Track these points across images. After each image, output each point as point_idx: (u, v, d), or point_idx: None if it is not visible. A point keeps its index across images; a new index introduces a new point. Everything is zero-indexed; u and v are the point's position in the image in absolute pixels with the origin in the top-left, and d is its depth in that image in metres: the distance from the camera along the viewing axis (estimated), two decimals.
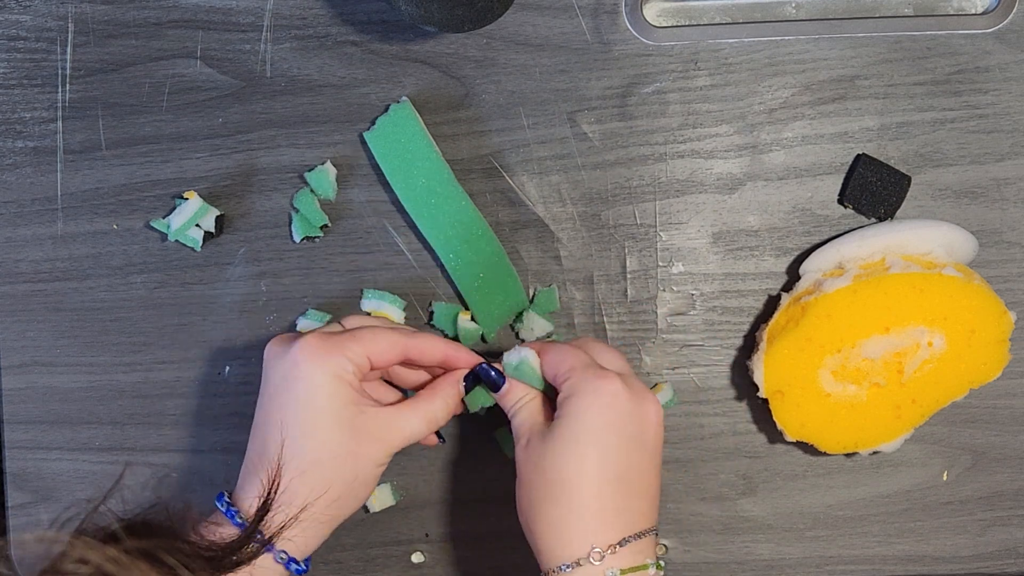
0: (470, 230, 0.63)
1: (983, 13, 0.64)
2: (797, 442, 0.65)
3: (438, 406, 0.57)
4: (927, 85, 0.64)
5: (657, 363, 0.66)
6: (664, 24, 0.65)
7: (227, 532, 0.53)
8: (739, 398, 0.66)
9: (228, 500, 0.55)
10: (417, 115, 0.63)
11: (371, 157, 0.64)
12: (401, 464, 0.66)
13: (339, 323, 0.59)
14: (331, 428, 0.53)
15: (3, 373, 0.65)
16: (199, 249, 0.65)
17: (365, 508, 0.66)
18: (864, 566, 0.67)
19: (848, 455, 0.66)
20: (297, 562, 0.54)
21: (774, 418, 0.63)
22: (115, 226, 0.65)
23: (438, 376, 0.60)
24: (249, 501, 0.54)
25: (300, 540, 0.54)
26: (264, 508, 0.52)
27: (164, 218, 0.64)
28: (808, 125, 0.65)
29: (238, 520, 0.53)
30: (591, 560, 0.51)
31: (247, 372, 0.65)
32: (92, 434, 0.66)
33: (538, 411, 0.57)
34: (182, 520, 0.51)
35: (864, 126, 0.65)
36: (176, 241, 0.65)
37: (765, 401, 0.63)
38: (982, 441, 0.66)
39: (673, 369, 0.66)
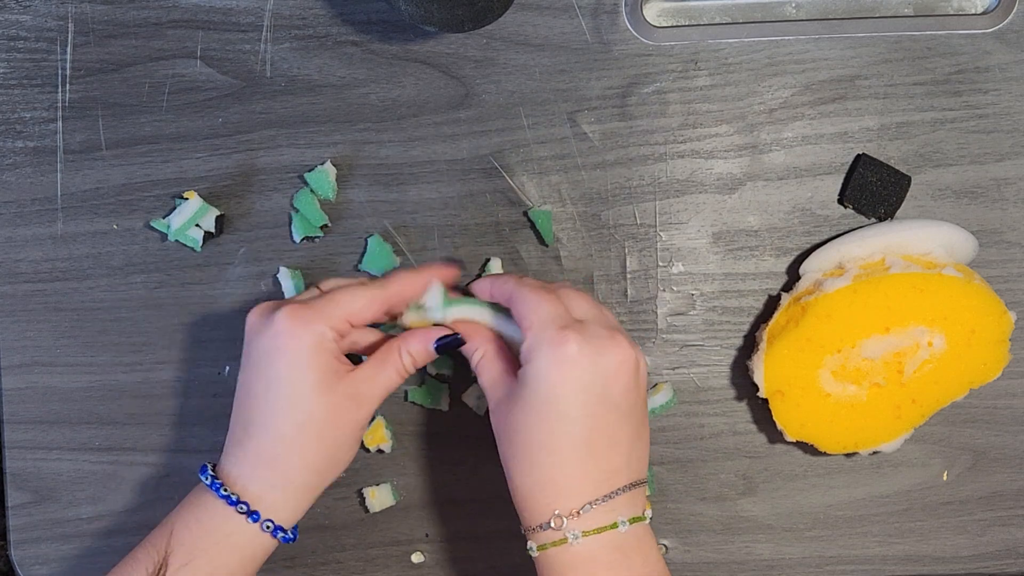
0: None
1: (983, 13, 0.64)
2: (797, 442, 0.65)
3: (407, 361, 0.57)
4: (927, 85, 0.64)
5: (657, 363, 0.66)
6: (664, 24, 0.65)
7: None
8: (739, 398, 0.66)
9: (212, 473, 0.55)
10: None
11: (371, 157, 0.65)
12: (401, 464, 0.66)
13: (316, 287, 0.59)
14: (313, 400, 0.54)
15: (3, 373, 0.65)
16: (199, 249, 0.65)
17: (365, 508, 0.66)
18: (864, 566, 0.67)
19: (848, 455, 0.66)
20: (284, 530, 0.55)
21: (774, 418, 0.63)
22: (115, 226, 0.65)
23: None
24: (236, 472, 0.55)
25: (286, 510, 0.55)
26: None
27: (164, 218, 0.64)
28: (808, 125, 0.65)
29: (223, 492, 0.54)
30: (551, 525, 0.52)
31: None
32: (92, 434, 0.66)
33: (499, 366, 0.56)
34: None
35: (864, 126, 0.65)
36: (176, 241, 0.65)
37: (765, 401, 0.63)
38: (982, 441, 0.66)
39: (673, 369, 0.66)
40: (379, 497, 0.65)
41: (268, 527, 0.54)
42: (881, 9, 0.65)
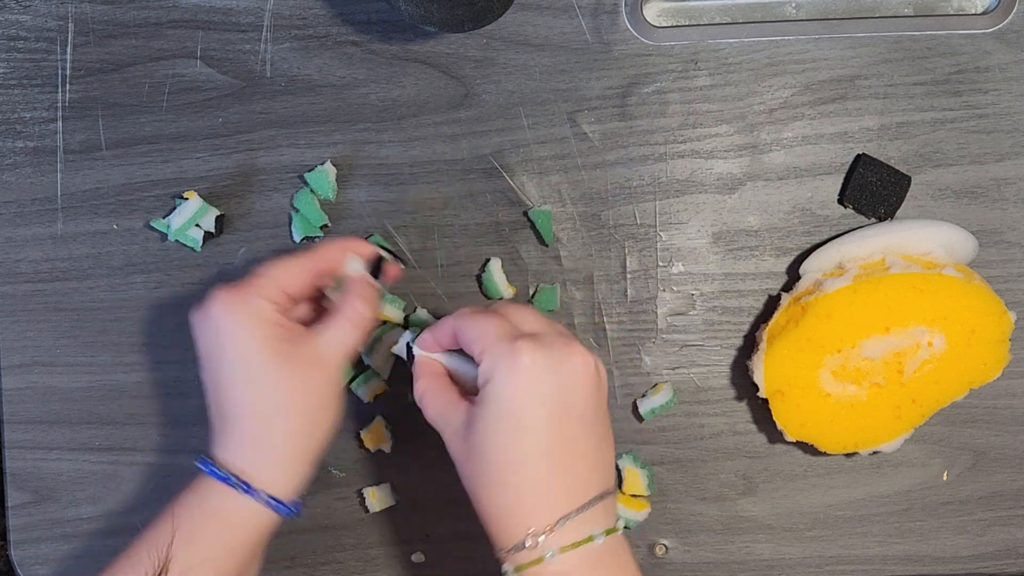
0: None
1: (983, 13, 0.64)
2: (797, 442, 0.65)
3: (359, 306, 0.57)
4: (927, 85, 0.64)
5: (657, 363, 0.66)
6: (664, 24, 0.65)
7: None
8: (739, 398, 0.66)
9: (210, 461, 0.55)
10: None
11: (371, 157, 0.65)
12: (401, 464, 0.66)
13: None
14: (270, 372, 0.54)
15: (3, 373, 0.65)
16: (199, 249, 0.65)
17: (365, 508, 0.66)
18: (864, 566, 0.67)
19: (848, 455, 0.66)
20: (284, 503, 0.55)
21: (774, 418, 0.63)
22: (115, 226, 0.65)
23: None
24: (224, 458, 0.55)
25: (283, 482, 0.55)
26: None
27: (164, 218, 0.64)
28: (808, 125, 0.65)
29: (220, 473, 0.54)
30: (526, 544, 0.51)
31: None
32: (92, 434, 0.66)
33: (446, 397, 0.55)
34: None
35: (864, 126, 0.65)
36: (176, 241, 0.65)
37: (765, 401, 0.63)
38: (982, 441, 0.66)
39: (673, 369, 0.66)
40: (379, 497, 0.65)
41: (268, 502, 0.54)
42: (881, 9, 0.65)
